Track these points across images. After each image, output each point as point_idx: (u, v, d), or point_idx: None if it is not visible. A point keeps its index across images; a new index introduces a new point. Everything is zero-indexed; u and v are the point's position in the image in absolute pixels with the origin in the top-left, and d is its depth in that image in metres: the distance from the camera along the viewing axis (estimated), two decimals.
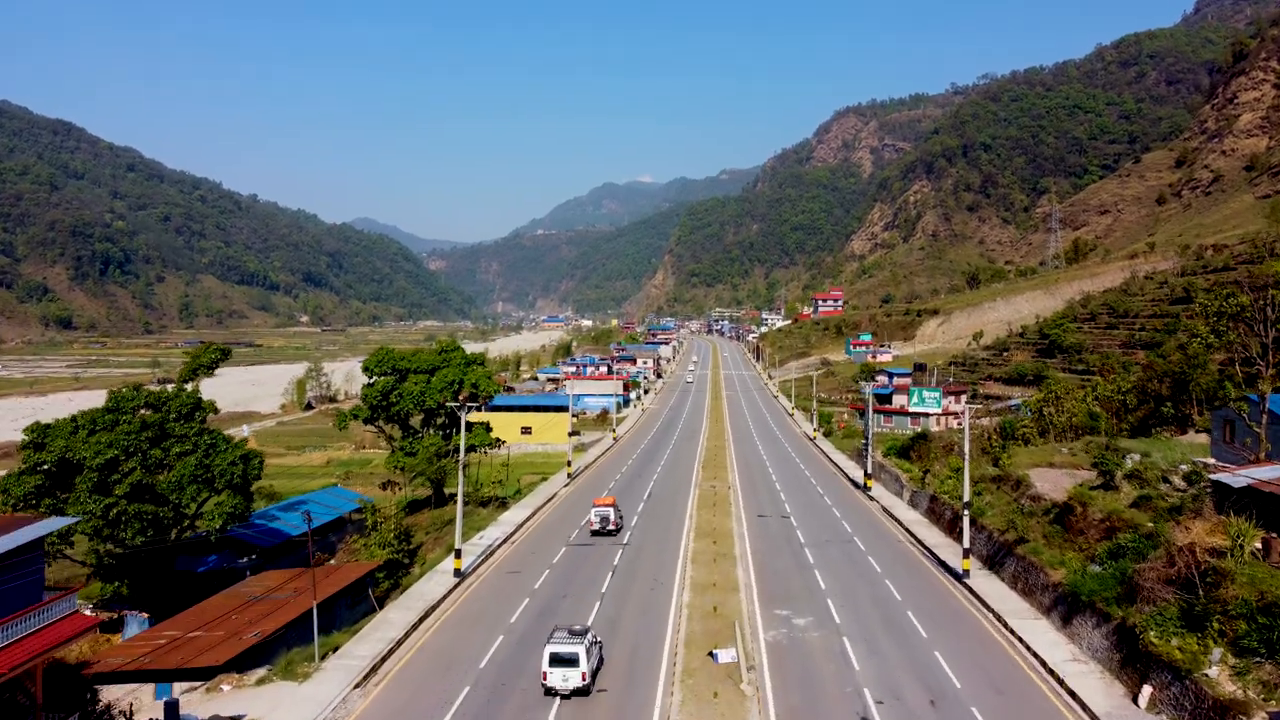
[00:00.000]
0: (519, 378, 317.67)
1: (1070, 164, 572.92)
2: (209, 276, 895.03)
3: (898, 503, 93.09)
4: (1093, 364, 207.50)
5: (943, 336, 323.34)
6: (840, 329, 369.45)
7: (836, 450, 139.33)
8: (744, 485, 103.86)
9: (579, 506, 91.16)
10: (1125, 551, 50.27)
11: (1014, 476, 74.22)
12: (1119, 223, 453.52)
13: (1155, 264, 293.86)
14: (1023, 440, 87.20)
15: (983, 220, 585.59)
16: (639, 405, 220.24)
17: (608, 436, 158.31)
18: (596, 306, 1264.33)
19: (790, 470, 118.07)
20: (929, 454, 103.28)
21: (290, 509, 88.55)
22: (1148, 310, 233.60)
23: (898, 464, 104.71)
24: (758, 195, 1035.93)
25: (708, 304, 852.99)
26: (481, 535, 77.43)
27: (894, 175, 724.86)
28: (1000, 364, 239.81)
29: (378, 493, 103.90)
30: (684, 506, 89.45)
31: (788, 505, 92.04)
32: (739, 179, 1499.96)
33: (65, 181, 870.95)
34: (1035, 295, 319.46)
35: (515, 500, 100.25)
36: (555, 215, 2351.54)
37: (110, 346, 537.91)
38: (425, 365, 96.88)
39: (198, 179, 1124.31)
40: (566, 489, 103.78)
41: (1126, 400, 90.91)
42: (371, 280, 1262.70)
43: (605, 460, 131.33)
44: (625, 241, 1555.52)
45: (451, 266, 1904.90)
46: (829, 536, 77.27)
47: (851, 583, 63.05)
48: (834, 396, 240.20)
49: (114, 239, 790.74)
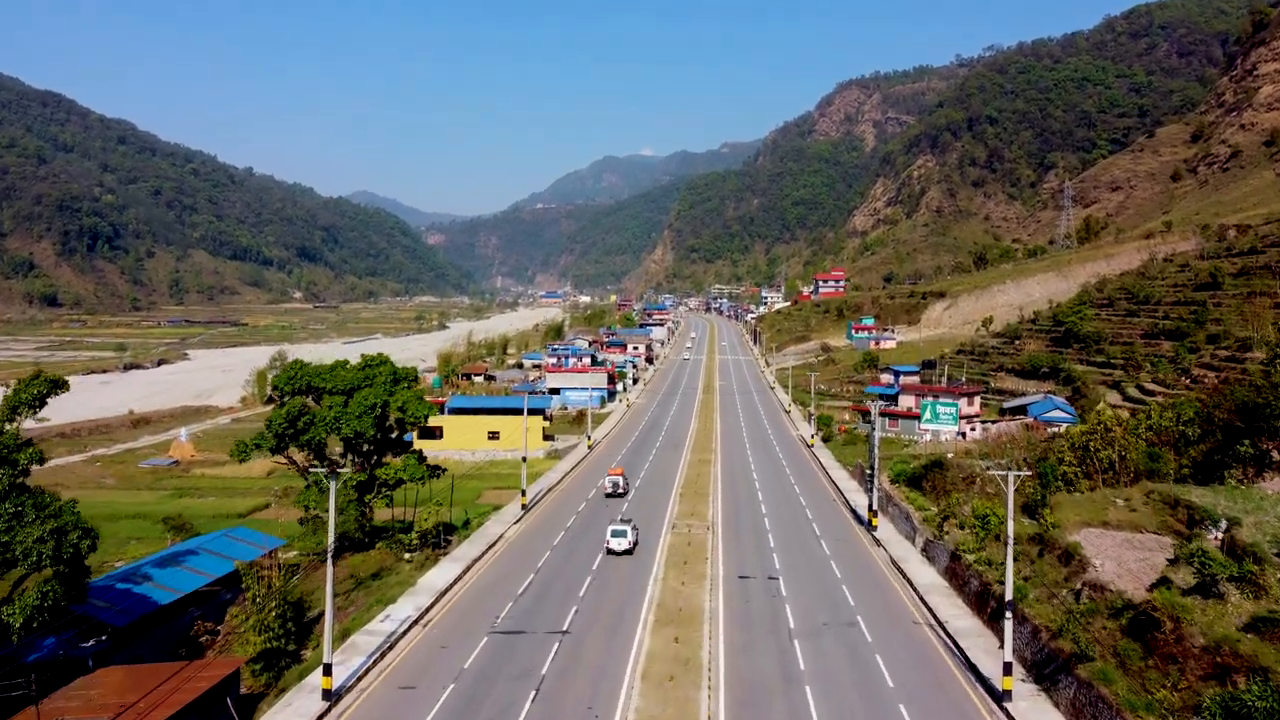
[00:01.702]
0: (503, 363, 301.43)
1: (1078, 138, 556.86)
2: (200, 251, 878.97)
3: (909, 551, 77.34)
4: (1113, 356, 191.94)
5: (949, 321, 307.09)
6: (841, 311, 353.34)
7: (836, 464, 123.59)
8: (727, 523, 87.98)
9: (521, 559, 75.58)
10: (1252, 715, 34.58)
11: (1061, 544, 58.41)
12: (1131, 200, 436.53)
13: (1174, 245, 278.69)
14: (1063, 481, 71.20)
15: (988, 196, 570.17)
16: (624, 400, 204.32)
17: (582, 444, 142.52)
18: (596, 281, 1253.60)
19: (783, 497, 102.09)
20: (944, 484, 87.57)
21: (171, 563, 72.69)
22: (1170, 296, 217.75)
23: (908, 496, 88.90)
24: (759, 169, 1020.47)
25: (707, 280, 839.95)
26: (387, 614, 61.55)
27: (897, 149, 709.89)
28: (1012, 353, 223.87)
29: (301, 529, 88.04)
30: (650, 565, 73.16)
31: (777, 557, 76.14)
32: (740, 152, 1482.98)
33: (54, 154, 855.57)
34: (1047, 278, 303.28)
35: (461, 539, 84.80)
36: (555, 188, 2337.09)
37: (90, 325, 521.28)
38: (343, 384, 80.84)
39: (191, 152, 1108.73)
40: (517, 528, 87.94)
41: (1188, 431, 74.77)
42: (367, 255, 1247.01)
43: (572, 481, 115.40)
44: (625, 215, 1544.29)
45: (450, 241, 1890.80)
46: (826, 617, 61.13)
47: (853, 708, 47.22)
48: (834, 389, 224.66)
49: (103, 213, 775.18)
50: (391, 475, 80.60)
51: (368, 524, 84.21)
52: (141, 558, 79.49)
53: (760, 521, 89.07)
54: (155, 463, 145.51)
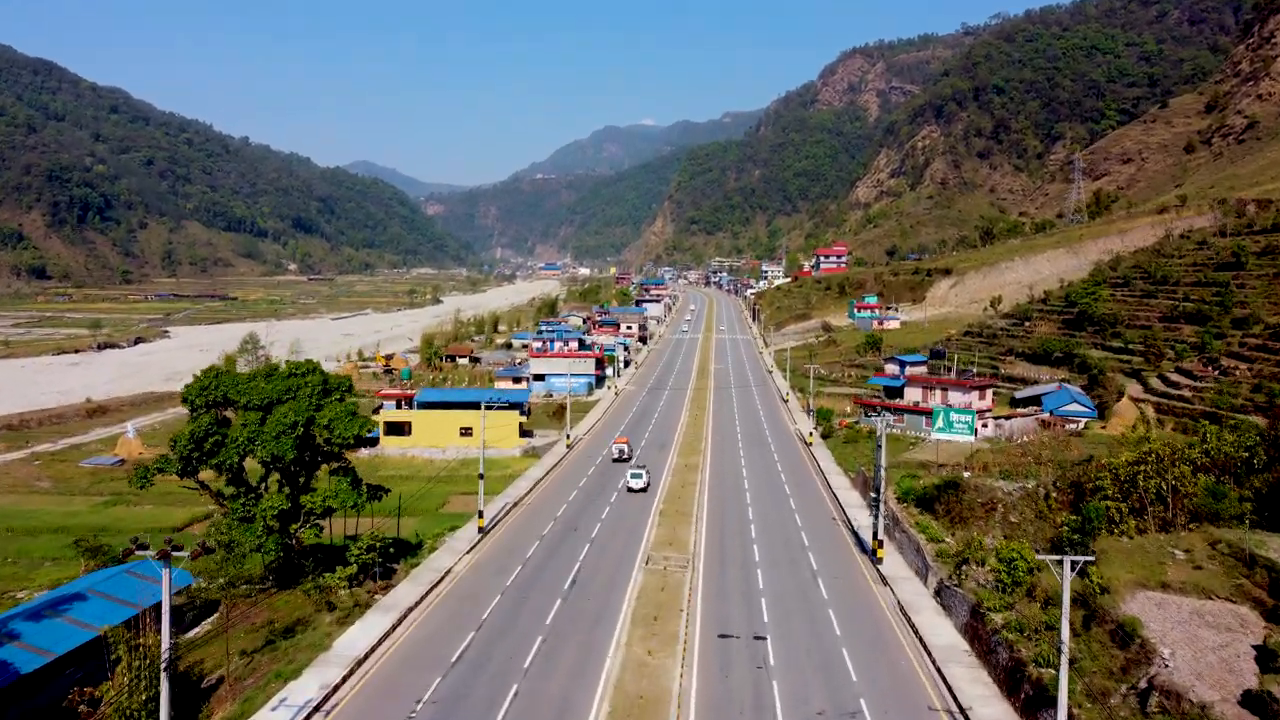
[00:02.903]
0: (492, 343, 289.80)
1: (1087, 108, 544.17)
2: (194, 223, 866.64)
3: (921, 595, 65.90)
4: (1131, 341, 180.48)
5: (955, 299, 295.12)
6: (844, 288, 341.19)
7: (837, 469, 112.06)
8: (711, 555, 76.14)
9: (464, 610, 63.92)
10: None
11: (1114, 616, 47.17)
12: (1143, 172, 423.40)
13: (1190, 220, 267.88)
14: (1107, 522, 59.80)
15: (994, 168, 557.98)
16: (613, 387, 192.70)
17: (561, 443, 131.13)
18: (596, 253, 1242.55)
19: (777, 517, 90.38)
20: (960, 509, 76.19)
21: (50, 612, 61.42)
22: (1189, 276, 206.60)
23: (918, 521, 77.43)
24: (760, 139, 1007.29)
25: (707, 252, 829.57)
26: (284, 697, 50.02)
27: (901, 119, 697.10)
28: (1023, 336, 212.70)
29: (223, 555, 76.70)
30: (613, 624, 61.35)
31: (766, 603, 64.47)
32: (743, 122, 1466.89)
33: (45, 123, 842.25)
34: (1057, 254, 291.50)
35: (407, 569, 73.71)
36: (556, 158, 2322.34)
37: (76, 299, 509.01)
38: (260, 398, 69.17)
39: (186, 121, 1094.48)
40: (469, 559, 76.41)
41: (1253, 458, 63.34)
42: (365, 226, 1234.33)
43: (542, 491, 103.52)
44: (625, 186, 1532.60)
45: (450, 211, 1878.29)
46: (822, 701, 49.27)
47: None
48: (835, 373, 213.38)
49: (94, 183, 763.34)
50: (318, 503, 69.07)
51: (296, 557, 72.98)
52: (37, 595, 68.44)
53: (749, 551, 77.53)
54: (98, 461, 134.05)
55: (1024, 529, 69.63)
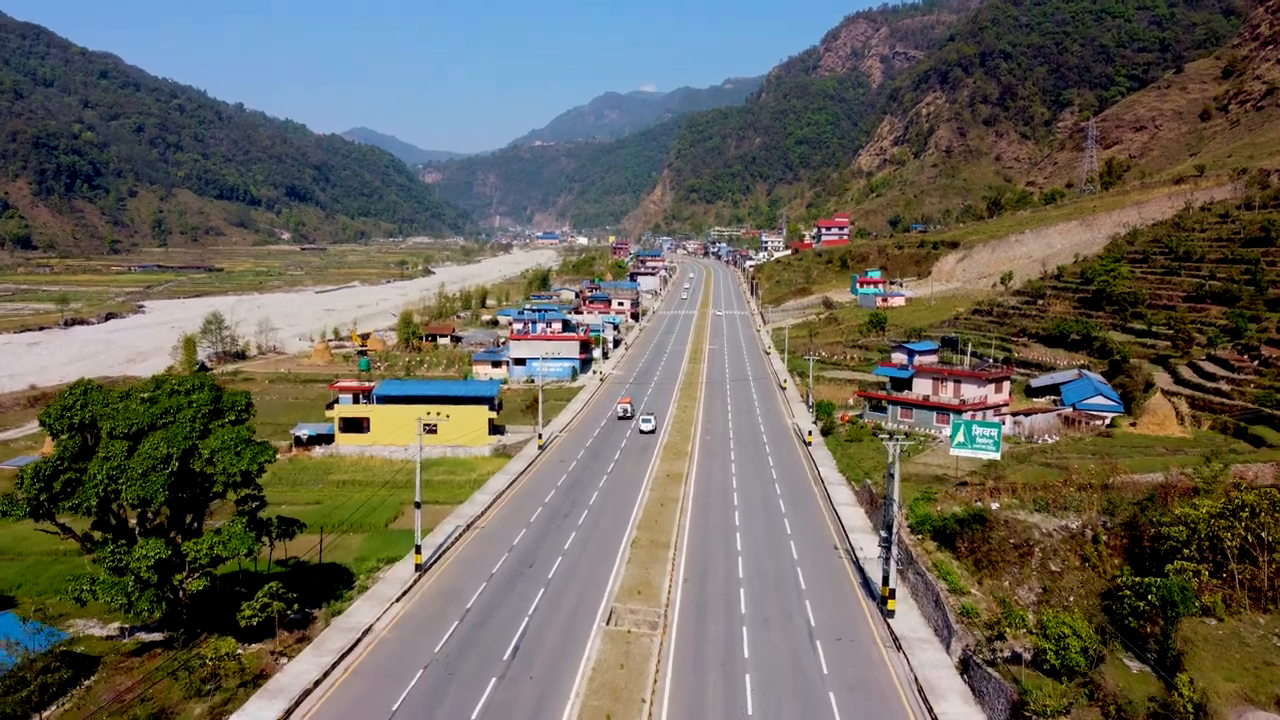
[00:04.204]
0: (477, 319, 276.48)
1: (1096, 74, 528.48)
2: (185, 191, 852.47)
3: (943, 672, 52.83)
4: (1155, 323, 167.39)
5: (963, 274, 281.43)
6: (845, 262, 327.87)
7: (839, 478, 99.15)
8: (686, 612, 62.54)
9: (375, 697, 51.11)
10: None
11: None
12: (1156, 141, 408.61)
13: (1210, 191, 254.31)
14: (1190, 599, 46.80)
15: (1000, 135, 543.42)
16: (598, 373, 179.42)
17: (533, 443, 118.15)
18: (595, 221, 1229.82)
19: (771, 546, 76.98)
20: (988, 550, 63.27)
21: None
22: (1214, 252, 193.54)
23: (936, 561, 64.37)
24: (761, 106, 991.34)
25: (707, 221, 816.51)
26: None
27: (905, 86, 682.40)
28: (1036, 315, 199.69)
29: None
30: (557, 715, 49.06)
31: (751, 684, 51.79)
32: (745, 88, 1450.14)
33: (33, 89, 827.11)
34: (1069, 227, 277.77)
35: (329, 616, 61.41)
36: (556, 126, 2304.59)
37: (57, 270, 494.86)
38: (129, 424, 56.13)
39: (178, 87, 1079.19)
40: (397, 608, 63.25)
41: None
42: (360, 194, 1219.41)
43: (501, 510, 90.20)
44: (625, 154, 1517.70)
45: (448, 179, 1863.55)
46: None
47: None
48: (836, 354, 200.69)
49: (82, 151, 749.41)
50: (203, 552, 56.04)
51: (183, 610, 60.25)
52: None
53: (734, 603, 63.85)
54: (21, 462, 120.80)
55: (1067, 583, 56.86)
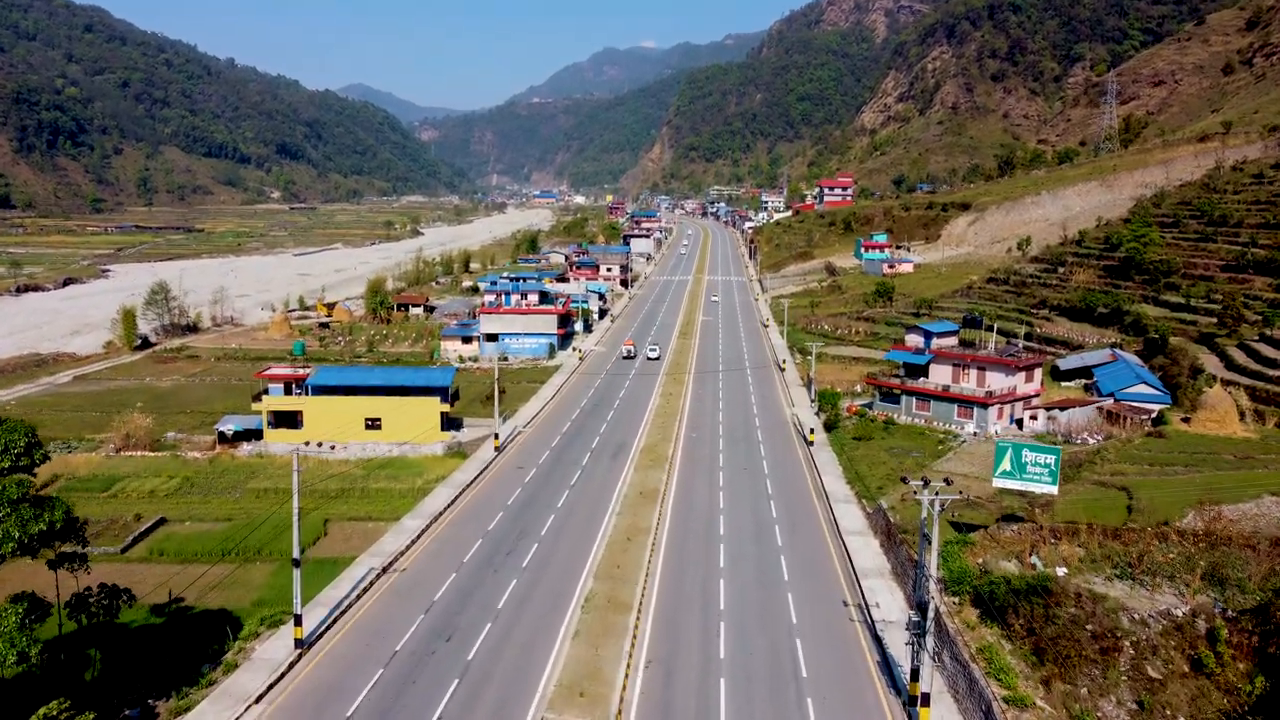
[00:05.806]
0: (457, 285, 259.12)
1: (1109, 27, 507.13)
2: (172, 148, 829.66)
3: None
4: (1193, 296, 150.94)
5: (975, 239, 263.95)
6: (849, 224, 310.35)
7: (846, 492, 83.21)
8: (646, 709, 47.03)
9: None
10: None
11: None
12: (1176, 96, 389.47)
13: (1240, 150, 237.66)
14: None
15: (1009, 91, 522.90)
16: (577, 351, 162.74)
17: (489, 444, 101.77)
18: (593, 180, 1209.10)
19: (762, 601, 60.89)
20: (1054, 635, 47.08)
21: None
22: (1252, 216, 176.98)
23: (982, 646, 48.15)
24: (762, 62, 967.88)
25: (706, 180, 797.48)
26: None
27: (910, 40, 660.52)
28: (1057, 285, 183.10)
29: None
30: None
31: None
32: (746, 44, 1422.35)
33: (14, 43, 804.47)
34: (1089, 187, 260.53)
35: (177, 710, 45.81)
36: (554, 82, 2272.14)
37: (30, 230, 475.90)
38: None
39: (166, 41, 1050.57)
40: (256, 711, 47.50)
41: None
42: (354, 152, 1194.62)
43: (429, 545, 73.94)
44: (624, 111, 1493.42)
45: (444, 136, 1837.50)
46: None
47: None
48: (840, 328, 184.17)
49: (64, 107, 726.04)
50: None
51: None
52: None
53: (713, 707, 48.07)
54: None
55: (1173, 696, 40.73)
